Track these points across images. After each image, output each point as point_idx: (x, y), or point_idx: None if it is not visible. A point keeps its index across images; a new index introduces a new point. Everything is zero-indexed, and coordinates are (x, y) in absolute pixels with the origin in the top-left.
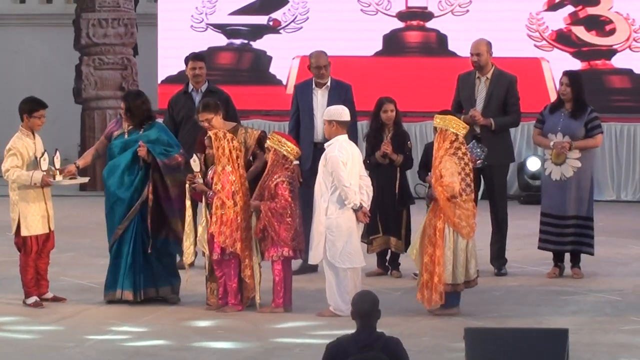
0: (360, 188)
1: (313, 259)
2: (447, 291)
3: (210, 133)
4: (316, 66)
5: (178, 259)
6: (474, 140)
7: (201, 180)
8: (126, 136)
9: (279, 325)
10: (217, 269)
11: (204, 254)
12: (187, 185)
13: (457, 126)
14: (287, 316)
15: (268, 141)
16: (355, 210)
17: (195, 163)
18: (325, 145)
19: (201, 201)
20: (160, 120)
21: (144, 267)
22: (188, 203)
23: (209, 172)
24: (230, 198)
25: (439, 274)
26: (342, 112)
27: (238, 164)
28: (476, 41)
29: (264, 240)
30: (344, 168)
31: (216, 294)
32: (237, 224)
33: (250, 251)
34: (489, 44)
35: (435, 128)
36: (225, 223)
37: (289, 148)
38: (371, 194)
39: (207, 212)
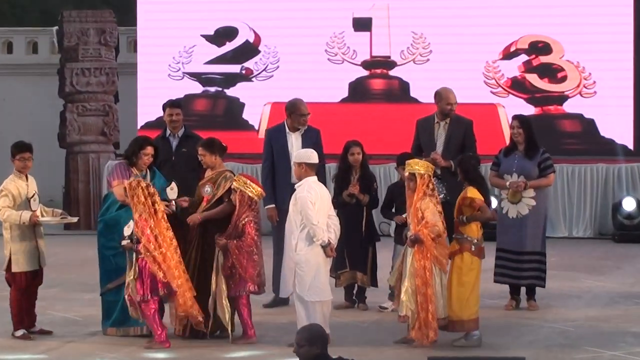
0: (328, 227)
1: (283, 292)
2: (440, 325)
3: (125, 183)
4: (300, 114)
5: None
6: (435, 179)
7: (173, 208)
8: None
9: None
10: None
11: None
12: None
13: (430, 169)
14: (261, 346)
15: (234, 183)
16: (323, 247)
17: (172, 191)
18: (296, 186)
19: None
20: None
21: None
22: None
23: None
24: (154, 241)
25: (432, 311)
26: (310, 155)
27: (155, 210)
28: (447, 91)
29: (232, 277)
30: (313, 207)
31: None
32: (167, 265)
33: (190, 289)
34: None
35: (412, 174)
36: (158, 263)
37: (254, 190)
38: (338, 232)
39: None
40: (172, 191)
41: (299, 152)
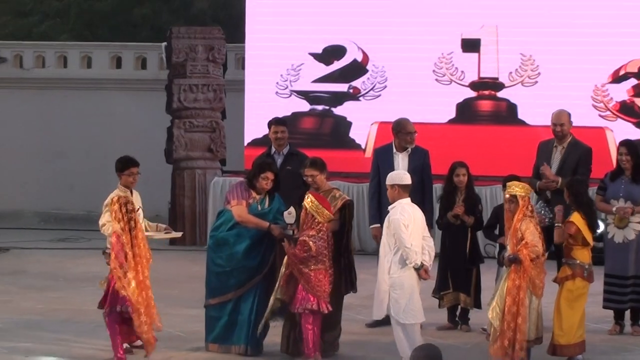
0: (422, 248)
1: (376, 314)
2: (528, 347)
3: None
4: (407, 132)
5: None
6: (541, 202)
7: (290, 233)
8: (259, 208)
9: None
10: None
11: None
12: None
13: (529, 191)
14: None
15: (305, 202)
16: (417, 269)
17: (289, 215)
18: (389, 208)
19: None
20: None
21: (256, 325)
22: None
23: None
24: (122, 258)
25: (523, 331)
26: (403, 177)
27: (130, 227)
28: (559, 112)
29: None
30: (406, 230)
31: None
32: (128, 282)
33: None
34: (569, 115)
35: (513, 196)
36: (121, 280)
37: (323, 215)
38: (433, 254)
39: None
40: (290, 216)
41: (391, 174)
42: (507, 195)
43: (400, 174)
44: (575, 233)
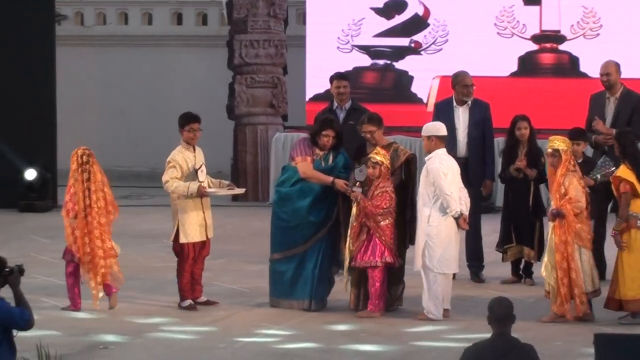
0: (459, 199)
1: (417, 265)
2: (588, 299)
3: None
4: (463, 85)
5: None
6: (604, 156)
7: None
8: (323, 164)
9: (417, 329)
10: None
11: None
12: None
13: (570, 145)
14: (424, 321)
15: (378, 157)
16: (456, 218)
17: (361, 173)
18: (426, 158)
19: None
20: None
21: (321, 281)
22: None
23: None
24: (72, 208)
25: (580, 285)
26: (439, 128)
27: (82, 178)
28: (605, 62)
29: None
30: (445, 178)
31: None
32: (84, 232)
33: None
34: (617, 65)
35: (556, 150)
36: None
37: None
38: (469, 205)
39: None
40: (362, 173)
41: (426, 126)
42: (550, 150)
43: (437, 125)
44: (626, 189)
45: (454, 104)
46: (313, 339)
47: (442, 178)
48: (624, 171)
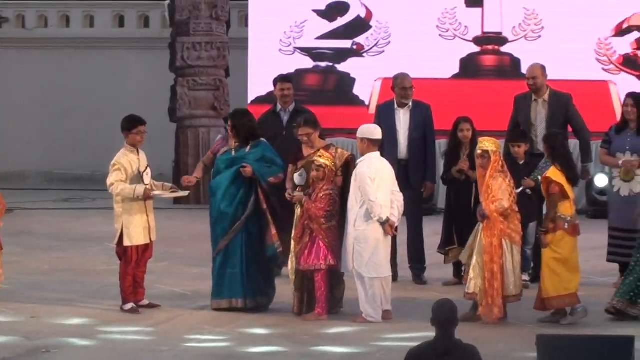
0: (391, 202)
1: (345, 267)
2: (506, 303)
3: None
4: (402, 87)
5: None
6: (545, 157)
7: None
8: (233, 153)
9: (359, 329)
10: None
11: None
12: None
13: (500, 146)
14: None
15: (321, 160)
16: (382, 224)
17: (301, 177)
18: (357, 161)
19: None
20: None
21: (252, 277)
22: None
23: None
24: None
25: (497, 288)
26: (373, 131)
27: None
28: (531, 66)
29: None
30: (371, 184)
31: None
32: None
33: None
34: (543, 68)
35: (485, 151)
36: None
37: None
38: (402, 209)
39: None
40: (302, 178)
41: (362, 128)
42: (479, 151)
43: (371, 127)
44: (555, 191)
45: (395, 106)
46: (254, 342)
47: (368, 184)
48: (554, 172)
